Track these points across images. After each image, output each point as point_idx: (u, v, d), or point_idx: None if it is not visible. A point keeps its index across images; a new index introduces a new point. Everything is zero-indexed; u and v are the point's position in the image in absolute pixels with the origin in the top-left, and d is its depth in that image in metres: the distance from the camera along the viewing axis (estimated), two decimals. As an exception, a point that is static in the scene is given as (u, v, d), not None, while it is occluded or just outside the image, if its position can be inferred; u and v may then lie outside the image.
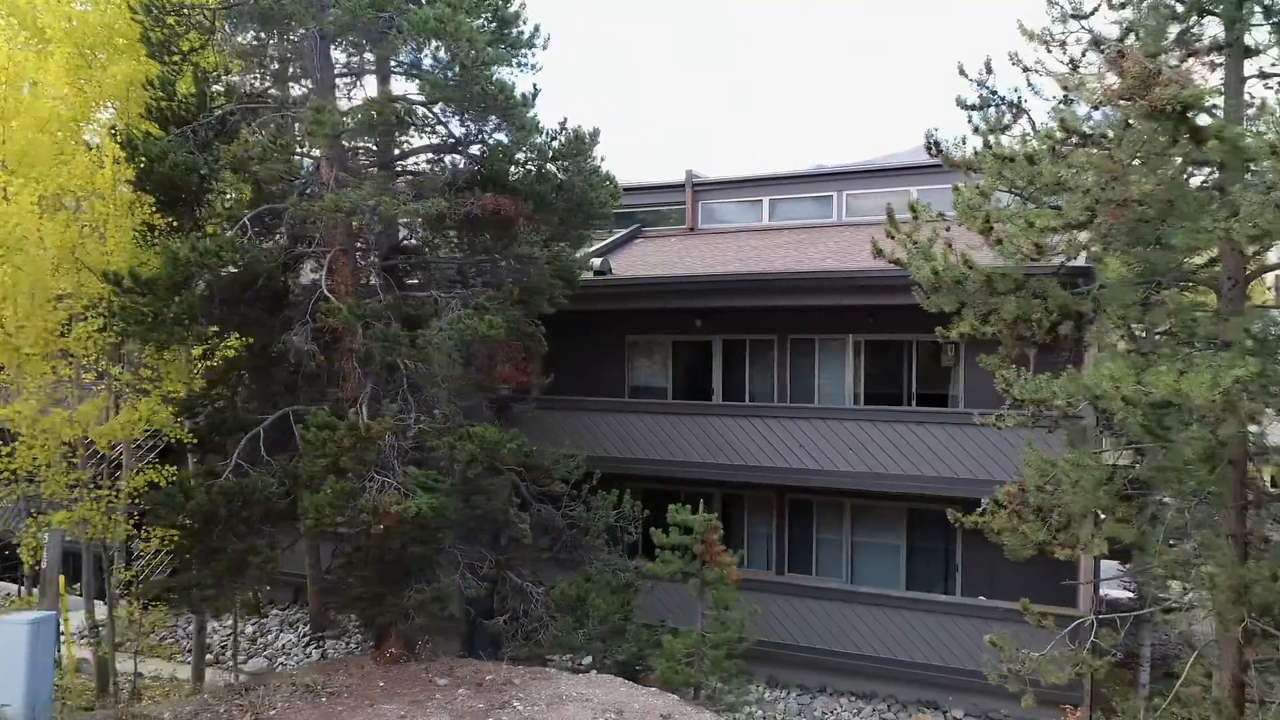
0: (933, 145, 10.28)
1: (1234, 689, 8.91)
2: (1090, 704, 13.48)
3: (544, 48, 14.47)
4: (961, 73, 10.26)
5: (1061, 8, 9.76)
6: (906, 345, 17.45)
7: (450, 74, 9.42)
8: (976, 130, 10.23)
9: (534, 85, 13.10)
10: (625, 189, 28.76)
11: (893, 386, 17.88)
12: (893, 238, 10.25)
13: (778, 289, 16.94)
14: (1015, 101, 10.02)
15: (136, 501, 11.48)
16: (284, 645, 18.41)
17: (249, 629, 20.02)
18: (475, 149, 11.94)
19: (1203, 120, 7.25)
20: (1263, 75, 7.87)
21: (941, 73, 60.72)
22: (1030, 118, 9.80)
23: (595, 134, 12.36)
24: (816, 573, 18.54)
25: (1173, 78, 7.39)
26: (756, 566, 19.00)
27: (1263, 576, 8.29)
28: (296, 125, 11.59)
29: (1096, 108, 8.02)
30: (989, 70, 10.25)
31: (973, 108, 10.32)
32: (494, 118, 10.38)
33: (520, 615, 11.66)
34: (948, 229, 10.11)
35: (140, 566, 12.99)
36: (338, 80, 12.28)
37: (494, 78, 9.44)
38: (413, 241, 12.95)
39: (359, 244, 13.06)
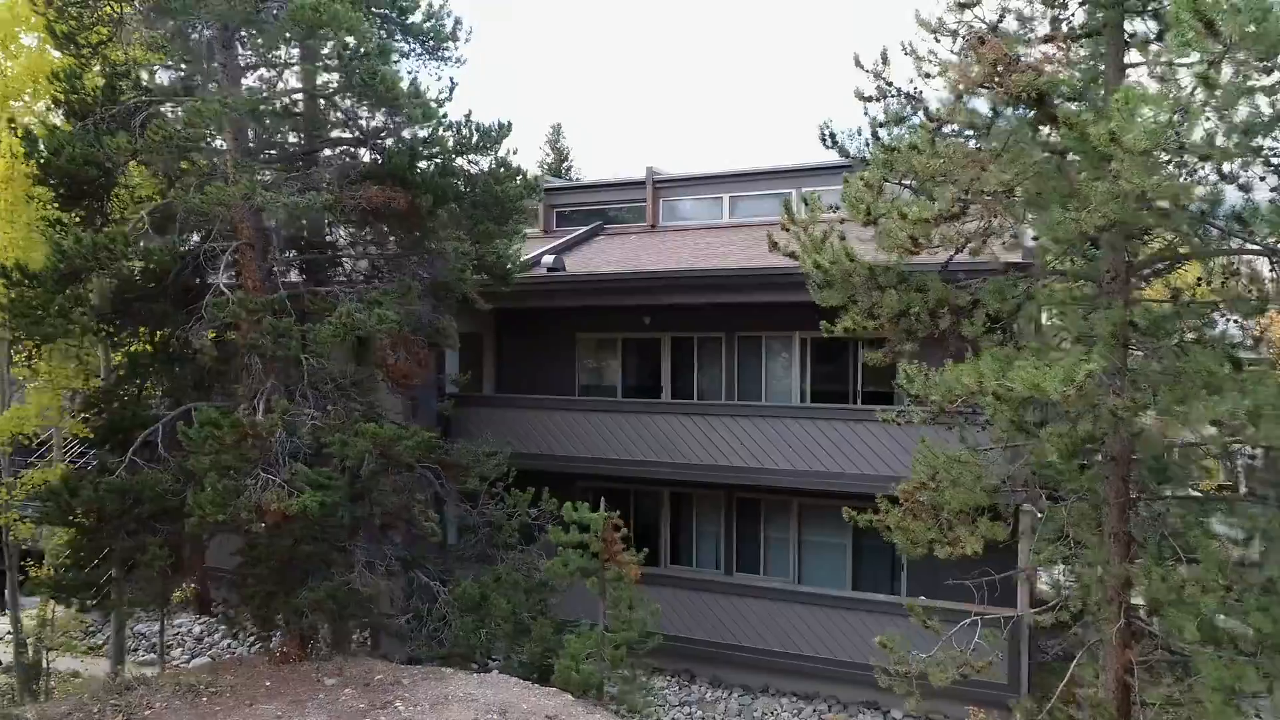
0: (828, 137, 10.11)
1: (1118, 690, 8.73)
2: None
3: (466, 41, 14.45)
4: (858, 64, 10.07)
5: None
6: (852, 343, 17.28)
7: (331, 65, 9.28)
8: (875, 122, 10.05)
9: (450, 80, 12.95)
10: (588, 186, 28.84)
11: (839, 384, 17.72)
12: (787, 231, 10.09)
13: (723, 286, 16.79)
14: (911, 93, 9.83)
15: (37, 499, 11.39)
16: (230, 644, 18.37)
17: (196, 628, 19.96)
18: (391, 143, 11.80)
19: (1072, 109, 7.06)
20: (1132, 66, 7.66)
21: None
22: (927, 109, 9.59)
23: (506, 127, 12.22)
24: (765, 572, 18.40)
25: (1031, 64, 7.22)
26: (706, 566, 18.88)
27: (1147, 575, 8.12)
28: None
29: (959, 96, 7.83)
30: (885, 61, 10.07)
31: (869, 99, 10.13)
32: (385, 110, 10.23)
33: (425, 615, 11.52)
34: (841, 222, 9.93)
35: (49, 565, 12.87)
36: (267, 73, 12.16)
37: (377, 69, 9.28)
38: (327, 237, 12.82)
39: (276, 240, 12.99)
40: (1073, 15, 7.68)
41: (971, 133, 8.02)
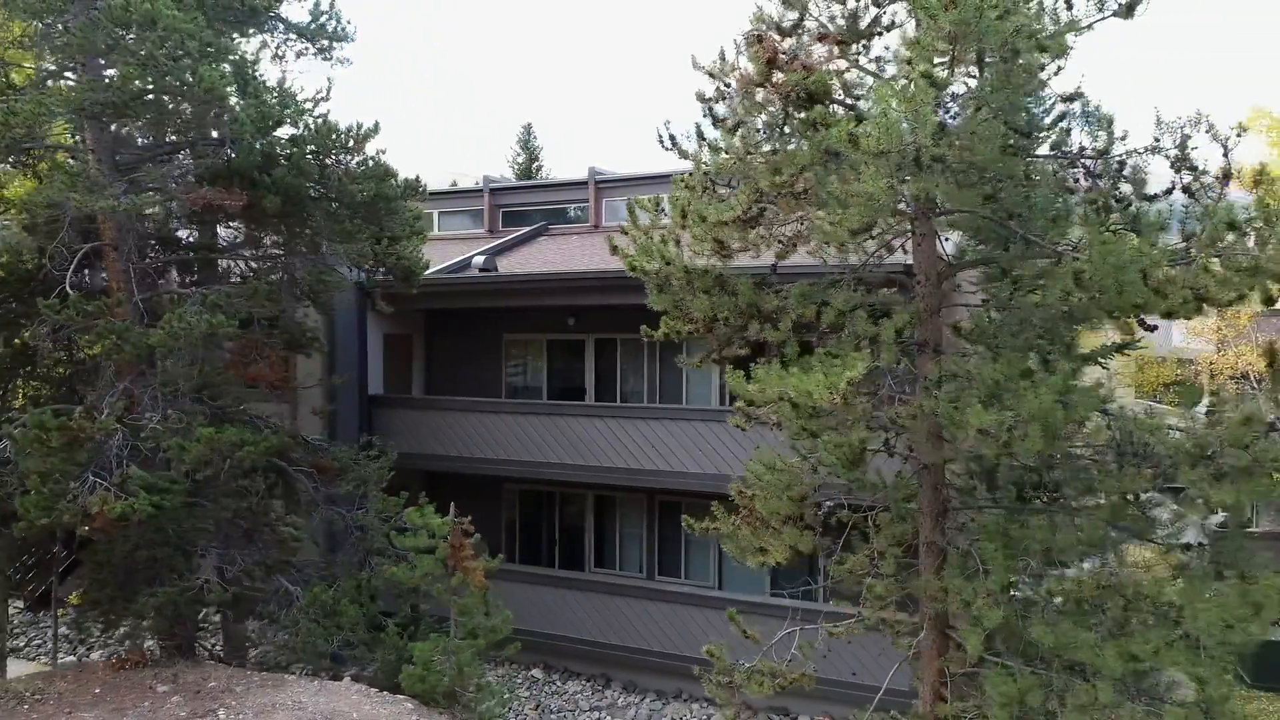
0: (667, 139, 9.91)
1: (933, 701, 8.52)
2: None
3: (350, 40, 14.33)
4: (695, 65, 9.86)
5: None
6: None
7: (145, 67, 9.14)
8: (715, 123, 9.83)
9: (328, 79, 12.81)
10: (532, 187, 28.67)
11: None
12: (627, 234, 9.90)
13: (638, 286, 16.65)
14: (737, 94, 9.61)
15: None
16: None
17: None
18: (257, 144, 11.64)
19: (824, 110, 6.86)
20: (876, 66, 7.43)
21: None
22: (713, 110, 9.39)
23: (373, 128, 12.06)
24: (686, 576, 18.22)
25: (805, 63, 7.03)
26: (631, 569, 18.72)
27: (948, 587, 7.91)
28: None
29: (742, 96, 7.63)
30: (723, 60, 9.86)
31: (709, 100, 9.93)
32: (213, 112, 10.09)
33: (280, 620, 11.39)
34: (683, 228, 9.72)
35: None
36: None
37: (193, 69, 9.14)
38: (192, 238, 12.72)
39: (151, 240, 12.90)
40: (836, 17, 7.47)
41: (769, 134, 7.82)
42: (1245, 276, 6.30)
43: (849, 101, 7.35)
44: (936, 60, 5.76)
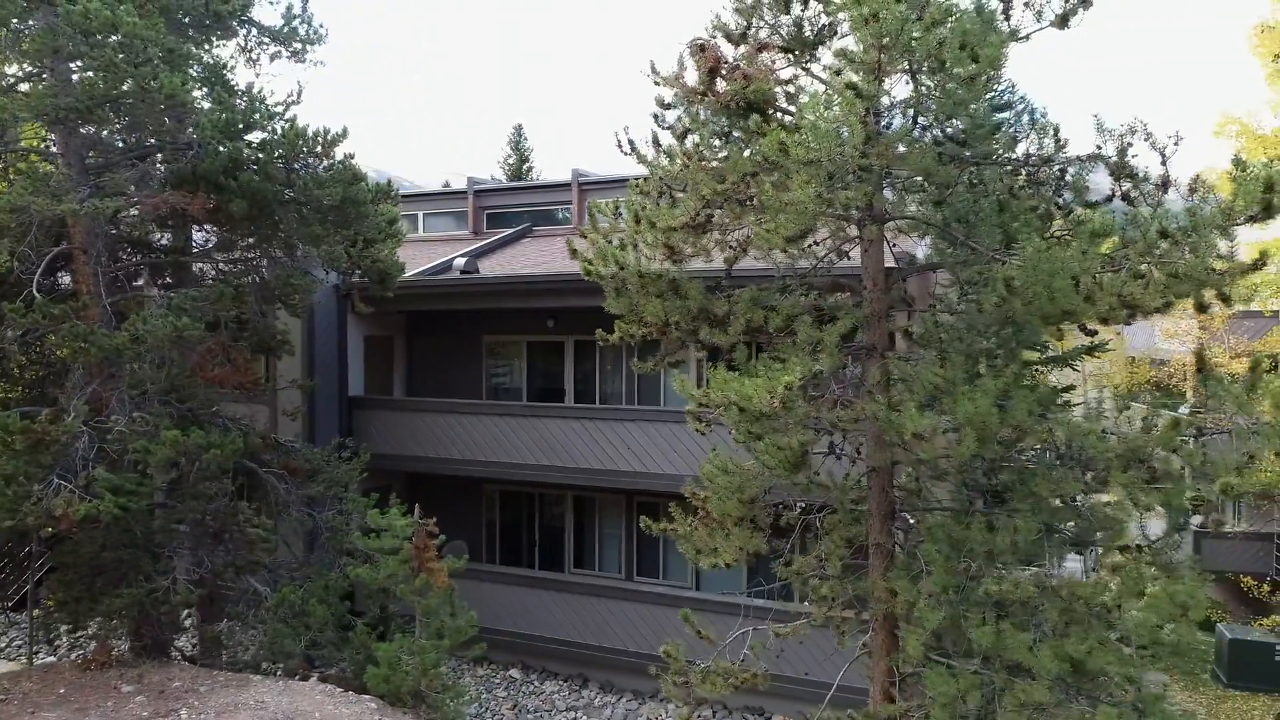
0: (626, 144, 10.01)
1: (884, 701, 8.62)
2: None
3: (323, 43, 14.43)
4: (654, 70, 9.95)
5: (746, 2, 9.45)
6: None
7: (106, 72, 9.23)
8: (662, 129, 9.90)
9: (298, 82, 12.88)
10: (516, 188, 28.77)
11: (735, 388, 17.58)
12: (585, 237, 10.00)
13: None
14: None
15: None
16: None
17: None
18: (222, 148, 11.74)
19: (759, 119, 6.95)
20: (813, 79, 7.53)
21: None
22: (659, 118, 9.51)
23: (342, 133, 12.14)
24: (664, 577, 18.36)
25: (745, 72, 7.12)
26: (610, 570, 18.84)
27: (899, 587, 8.01)
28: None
29: (687, 104, 7.73)
30: (682, 66, 9.96)
31: (669, 106, 10.03)
32: (173, 117, 10.19)
33: (250, 621, 11.49)
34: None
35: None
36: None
37: (154, 75, 9.23)
38: (165, 241, 12.81)
39: (125, 244, 13.01)
40: (783, 25, 7.56)
41: (718, 142, 7.92)
42: (1173, 283, 6.40)
43: (793, 110, 7.45)
44: (866, 72, 5.84)
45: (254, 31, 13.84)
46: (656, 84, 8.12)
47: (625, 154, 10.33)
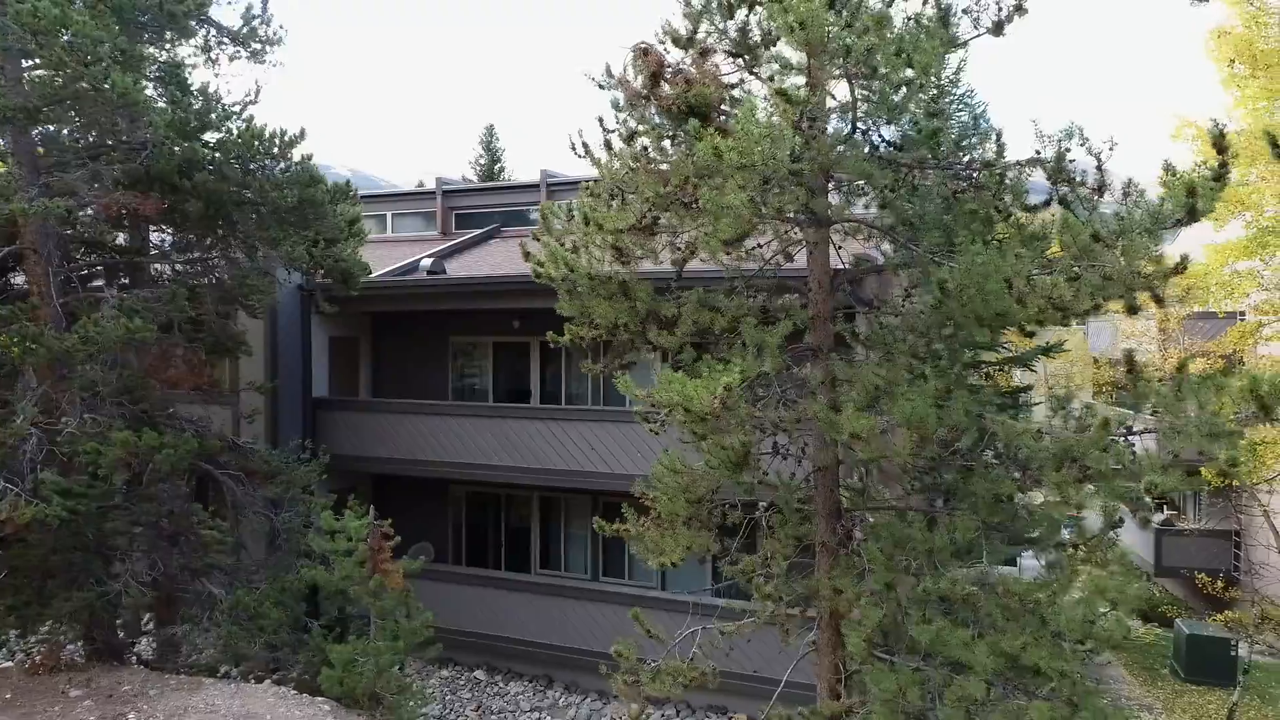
0: (579, 146, 10.05)
1: (831, 697, 8.72)
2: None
3: (281, 44, 14.37)
4: (608, 73, 10.00)
5: (694, 7, 9.51)
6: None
7: (56, 72, 9.17)
8: (608, 132, 9.93)
9: (256, 82, 12.85)
10: (485, 189, 28.73)
11: (701, 389, 17.66)
12: (538, 239, 10.04)
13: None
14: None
15: None
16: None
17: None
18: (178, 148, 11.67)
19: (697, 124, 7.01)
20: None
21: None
22: (602, 120, 9.55)
23: (299, 134, 12.12)
24: (629, 577, 18.42)
25: (687, 76, 7.19)
26: (576, 571, 18.87)
27: (843, 585, 8.12)
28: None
29: (632, 107, 7.80)
30: (626, 69, 10.00)
31: (619, 109, 10.08)
32: (125, 117, 10.13)
33: (202, 623, 11.43)
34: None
35: None
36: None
37: (107, 77, 9.18)
38: (121, 241, 12.71)
39: (81, 245, 12.89)
40: (729, 31, 7.64)
41: (667, 145, 7.99)
42: (1104, 285, 6.54)
43: (735, 114, 7.52)
44: (804, 78, 5.93)
45: (213, 32, 13.77)
46: (602, 87, 8.17)
47: (579, 156, 10.41)
